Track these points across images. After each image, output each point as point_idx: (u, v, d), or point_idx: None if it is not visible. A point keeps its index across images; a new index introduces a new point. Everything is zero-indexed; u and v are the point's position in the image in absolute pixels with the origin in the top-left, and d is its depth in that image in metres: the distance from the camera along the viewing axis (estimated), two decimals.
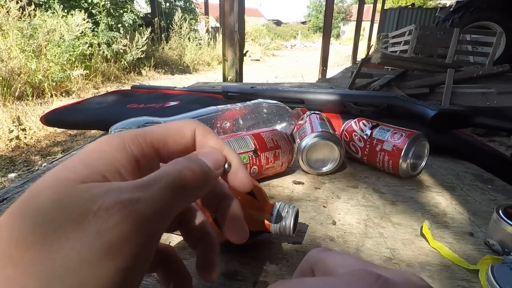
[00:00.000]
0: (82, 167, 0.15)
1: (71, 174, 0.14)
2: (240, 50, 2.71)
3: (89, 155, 0.16)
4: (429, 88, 2.50)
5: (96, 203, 0.13)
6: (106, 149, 0.16)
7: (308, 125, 0.51)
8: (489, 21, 4.06)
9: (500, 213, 0.32)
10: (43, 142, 2.23)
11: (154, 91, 0.98)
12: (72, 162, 0.15)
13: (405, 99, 0.74)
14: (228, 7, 2.59)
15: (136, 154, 0.17)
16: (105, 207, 0.13)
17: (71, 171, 0.14)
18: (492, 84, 2.40)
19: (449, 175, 0.51)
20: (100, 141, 0.17)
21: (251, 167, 0.42)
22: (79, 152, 0.16)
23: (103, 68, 4.45)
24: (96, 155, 0.16)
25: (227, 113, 0.56)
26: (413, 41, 3.33)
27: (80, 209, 0.13)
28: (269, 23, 21.07)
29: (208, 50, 7.27)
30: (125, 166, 0.16)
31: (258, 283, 0.28)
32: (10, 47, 3.13)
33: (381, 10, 8.78)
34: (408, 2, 12.93)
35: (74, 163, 0.15)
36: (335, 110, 0.78)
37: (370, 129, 0.50)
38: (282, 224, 0.29)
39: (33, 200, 0.13)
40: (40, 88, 3.29)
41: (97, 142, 0.17)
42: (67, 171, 0.15)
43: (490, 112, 0.67)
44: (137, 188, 0.14)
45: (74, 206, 0.13)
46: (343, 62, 8.15)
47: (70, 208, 0.13)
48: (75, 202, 0.13)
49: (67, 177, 0.14)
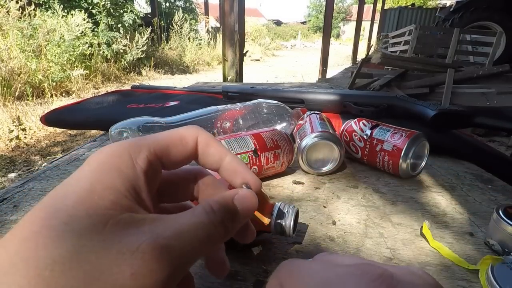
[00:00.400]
0: (107, 191, 0.15)
1: (100, 201, 0.15)
2: (240, 50, 2.71)
3: (106, 175, 0.16)
4: (429, 88, 2.50)
5: (133, 244, 0.14)
6: (119, 166, 0.16)
7: (308, 125, 0.51)
8: (489, 21, 4.07)
9: (500, 213, 0.32)
10: (43, 142, 2.23)
11: (154, 91, 0.98)
12: (95, 185, 0.15)
13: (405, 99, 0.74)
14: (228, 7, 2.59)
15: (143, 167, 0.17)
16: (142, 249, 0.14)
17: (100, 196, 0.15)
18: (492, 84, 2.40)
19: (449, 175, 0.51)
20: (110, 156, 0.17)
21: (251, 167, 0.42)
22: (91, 165, 0.16)
23: (103, 68, 4.45)
24: (113, 175, 0.16)
25: (227, 113, 0.56)
26: (413, 41, 3.33)
27: (117, 245, 0.14)
28: (269, 23, 21.06)
29: (208, 50, 7.27)
30: (137, 182, 0.17)
31: (258, 283, 0.28)
32: (10, 47, 3.13)
33: (381, 10, 8.78)
34: (408, 2, 12.93)
35: (97, 186, 0.15)
36: (335, 110, 0.78)
37: (370, 129, 0.50)
38: (282, 224, 0.29)
39: (71, 227, 0.14)
40: (40, 88, 3.29)
41: (107, 156, 0.17)
42: (95, 196, 0.15)
43: (490, 112, 0.67)
44: (172, 234, 0.15)
45: (112, 242, 0.14)
46: (343, 62, 8.15)
47: (107, 242, 0.13)
48: (112, 239, 0.14)
49: (98, 205, 0.14)
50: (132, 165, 0.17)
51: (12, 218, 0.37)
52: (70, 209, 0.14)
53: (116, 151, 0.17)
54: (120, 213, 0.15)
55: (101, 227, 0.14)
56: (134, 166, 0.17)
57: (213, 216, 0.17)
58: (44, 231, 0.13)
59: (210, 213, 0.17)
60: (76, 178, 0.16)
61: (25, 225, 0.14)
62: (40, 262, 0.12)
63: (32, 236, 0.13)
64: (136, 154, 0.17)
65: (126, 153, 0.17)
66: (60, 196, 0.15)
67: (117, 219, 0.14)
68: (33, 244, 0.13)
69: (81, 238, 0.13)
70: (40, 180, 0.46)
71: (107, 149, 0.17)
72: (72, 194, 0.14)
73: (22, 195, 0.42)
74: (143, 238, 0.14)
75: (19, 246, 0.13)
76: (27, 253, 0.13)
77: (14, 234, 0.14)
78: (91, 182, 0.15)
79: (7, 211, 0.38)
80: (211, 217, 0.16)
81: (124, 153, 0.17)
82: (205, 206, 0.17)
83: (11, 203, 0.40)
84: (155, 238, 0.14)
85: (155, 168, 0.18)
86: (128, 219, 0.15)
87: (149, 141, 0.18)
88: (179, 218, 0.16)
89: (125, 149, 0.17)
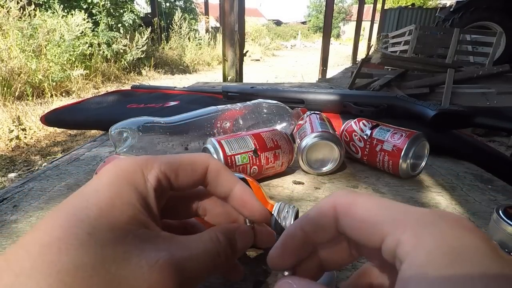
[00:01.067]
0: (126, 206, 0.16)
1: (120, 216, 0.16)
2: (240, 50, 2.71)
3: (124, 190, 0.17)
4: (429, 88, 2.50)
5: (152, 259, 0.15)
6: (133, 182, 0.18)
7: (308, 125, 0.51)
8: (489, 21, 4.07)
9: (500, 213, 0.32)
10: (43, 142, 2.23)
11: (154, 91, 0.98)
12: (114, 200, 0.16)
13: (405, 99, 0.74)
14: (228, 7, 2.59)
15: (154, 185, 0.18)
16: (159, 265, 0.15)
17: (120, 211, 0.16)
18: (492, 84, 2.40)
19: (449, 175, 0.51)
20: (125, 171, 0.18)
21: (251, 167, 0.42)
22: (109, 178, 0.17)
23: (103, 68, 4.45)
24: (130, 191, 0.17)
25: (227, 113, 0.56)
26: (413, 41, 3.33)
27: (136, 259, 0.15)
28: (269, 23, 21.06)
29: (208, 50, 7.27)
30: (149, 198, 0.18)
31: (258, 283, 0.28)
32: (10, 47, 3.13)
33: (381, 10, 8.78)
34: (408, 2, 12.93)
35: (117, 201, 0.16)
36: (335, 110, 0.78)
37: (370, 129, 0.50)
38: (282, 224, 0.29)
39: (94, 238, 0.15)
40: (40, 88, 3.29)
41: (122, 171, 0.18)
42: (116, 210, 0.16)
43: (490, 112, 0.67)
44: (185, 256, 0.17)
45: (131, 255, 0.15)
46: (343, 62, 8.15)
47: (127, 255, 0.15)
48: (131, 252, 0.15)
49: (119, 219, 0.16)
50: (144, 182, 0.18)
51: (12, 218, 0.37)
52: (93, 221, 0.15)
53: (130, 166, 0.18)
54: (137, 228, 0.16)
55: (122, 241, 0.15)
56: (145, 183, 0.18)
57: (218, 245, 0.19)
58: (67, 238, 0.14)
59: (216, 242, 0.19)
60: (94, 189, 0.17)
61: (46, 230, 0.14)
62: (63, 267, 0.13)
63: (55, 242, 0.14)
64: (147, 172, 0.18)
65: (139, 170, 0.18)
66: (82, 207, 0.15)
67: (135, 234, 0.16)
68: (56, 249, 0.13)
69: (104, 249, 0.14)
70: (40, 180, 0.46)
71: (122, 163, 0.18)
72: (94, 207, 0.15)
73: (22, 195, 0.42)
74: (160, 255, 0.15)
75: (41, 250, 0.13)
76: (49, 257, 0.13)
77: (35, 237, 0.14)
78: (110, 196, 0.16)
79: (7, 211, 0.38)
80: (216, 246, 0.18)
81: (137, 169, 0.18)
82: (212, 236, 0.19)
83: (11, 203, 0.40)
84: (170, 257, 0.16)
85: (163, 187, 0.19)
86: (144, 235, 0.16)
87: (160, 161, 0.19)
88: (190, 242, 0.18)
89: (138, 166, 0.18)
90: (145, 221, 0.17)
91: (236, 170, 0.41)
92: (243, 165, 0.41)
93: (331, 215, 0.16)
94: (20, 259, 0.13)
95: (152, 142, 0.46)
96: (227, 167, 0.21)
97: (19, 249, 0.14)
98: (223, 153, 0.40)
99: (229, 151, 0.41)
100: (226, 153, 0.40)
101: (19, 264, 0.13)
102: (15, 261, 0.13)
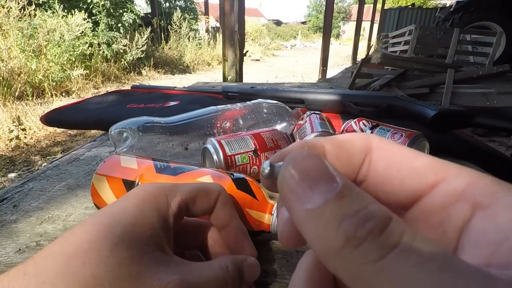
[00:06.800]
0: (147, 227, 0.18)
1: (140, 236, 0.18)
2: (240, 50, 2.71)
3: (148, 212, 0.19)
4: (429, 88, 2.50)
5: (163, 281, 0.16)
6: (157, 206, 0.19)
7: (308, 125, 0.51)
8: (489, 21, 4.06)
9: None
10: (43, 142, 2.23)
11: (154, 91, 0.98)
12: (138, 220, 0.18)
13: (405, 99, 0.74)
14: (228, 7, 2.59)
15: (175, 211, 0.20)
16: (170, 287, 0.16)
17: (141, 231, 0.18)
18: (492, 84, 2.40)
19: None
20: (151, 195, 0.20)
21: (251, 167, 0.42)
22: (136, 200, 0.19)
23: (103, 68, 4.45)
24: (153, 213, 0.19)
25: (227, 113, 0.56)
26: (413, 41, 3.33)
27: (149, 280, 0.16)
28: (269, 23, 21.08)
29: (208, 50, 7.27)
30: (169, 223, 0.19)
31: (258, 283, 0.28)
32: (10, 47, 3.13)
33: (381, 10, 8.77)
34: (408, 2, 12.93)
35: (139, 221, 0.18)
36: (335, 110, 0.78)
37: (370, 129, 0.50)
38: None
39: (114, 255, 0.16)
40: (40, 88, 3.29)
41: (149, 195, 0.20)
42: (137, 230, 0.18)
43: (490, 112, 0.67)
44: (195, 281, 0.18)
45: (145, 275, 0.16)
46: (343, 62, 8.15)
47: (141, 274, 0.16)
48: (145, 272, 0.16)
49: (138, 239, 0.17)
50: (167, 207, 0.20)
51: (12, 218, 0.37)
52: (115, 238, 0.16)
53: (156, 191, 0.20)
54: (153, 250, 0.17)
55: (138, 260, 0.16)
56: (168, 208, 0.20)
57: (227, 273, 0.20)
58: (91, 253, 0.16)
59: (225, 270, 0.20)
60: (123, 207, 0.19)
61: (72, 242, 0.16)
62: (84, 279, 0.15)
63: (80, 255, 0.16)
64: (171, 198, 0.20)
65: (164, 196, 0.20)
66: (107, 223, 0.17)
67: (151, 255, 0.17)
68: (81, 262, 0.15)
69: (121, 267, 0.16)
70: (40, 180, 0.46)
71: (149, 188, 0.20)
72: (119, 225, 0.17)
73: (22, 195, 0.42)
74: (172, 277, 0.17)
75: (68, 260, 0.15)
76: (74, 268, 0.15)
77: (63, 248, 0.16)
78: (135, 216, 0.18)
79: (7, 211, 0.38)
80: (225, 274, 0.19)
81: (162, 195, 0.20)
82: (222, 264, 0.20)
83: (11, 203, 0.40)
84: (181, 280, 0.17)
85: (182, 213, 0.21)
86: (158, 257, 0.17)
87: (182, 189, 0.21)
88: (200, 269, 0.19)
89: (164, 192, 0.20)
90: (161, 243, 0.18)
91: (236, 170, 0.41)
92: (243, 165, 0.41)
93: (362, 145, 0.13)
94: (48, 267, 0.15)
95: (152, 142, 0.46)
96: (231, 200, 0.24)
97: (48, 256, 0.16)
98: (223, 153, 0.40)
99: (229, 151, 0.41)
100: (226, 153, 0.40)
101: (46, 272, 0.15)
102: (43, 268, 0.15)
